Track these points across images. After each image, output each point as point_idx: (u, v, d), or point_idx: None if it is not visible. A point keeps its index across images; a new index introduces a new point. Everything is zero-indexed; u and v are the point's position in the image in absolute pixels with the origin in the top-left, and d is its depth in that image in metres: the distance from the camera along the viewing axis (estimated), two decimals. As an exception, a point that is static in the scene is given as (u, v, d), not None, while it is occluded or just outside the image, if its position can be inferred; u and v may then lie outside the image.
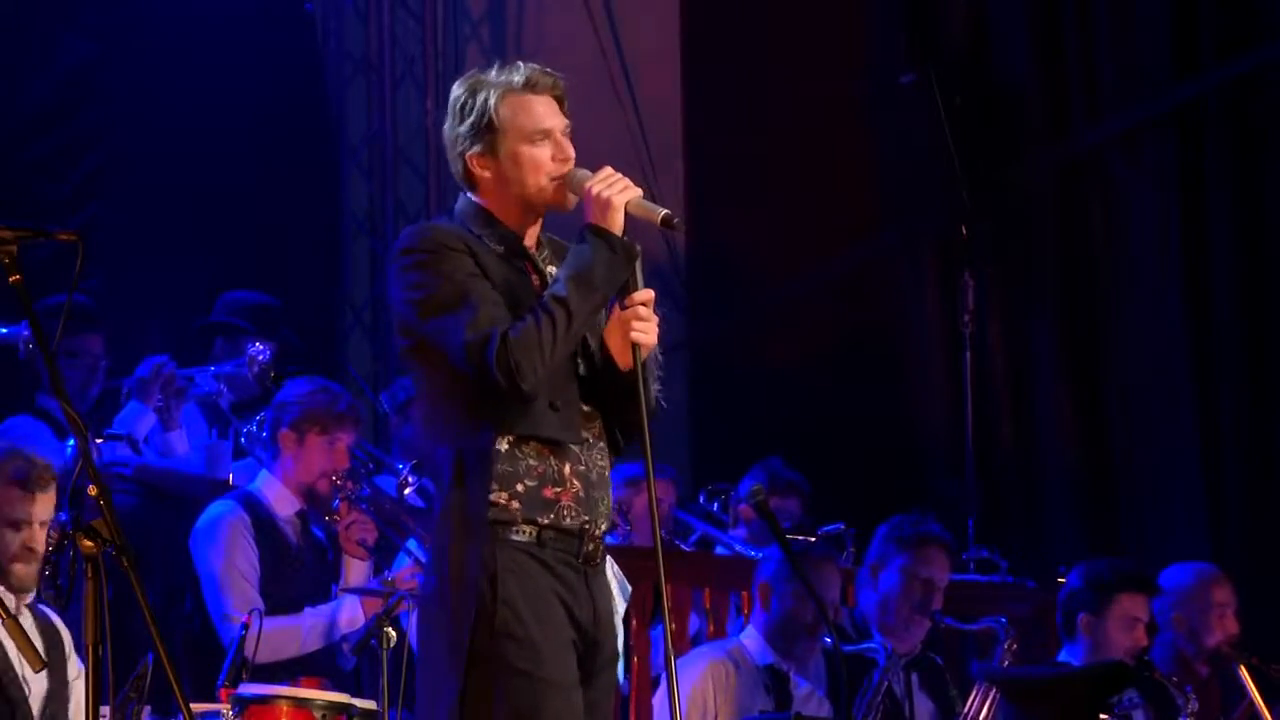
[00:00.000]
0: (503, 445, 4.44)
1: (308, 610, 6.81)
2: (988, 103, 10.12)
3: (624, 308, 4.51)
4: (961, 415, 9.55)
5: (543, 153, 4.53)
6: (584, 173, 4.53)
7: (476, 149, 4.54)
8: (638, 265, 4.51)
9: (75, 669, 5.66)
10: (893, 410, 10.25)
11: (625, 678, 7.41)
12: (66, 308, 4.23)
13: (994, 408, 9.88)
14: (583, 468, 4.51)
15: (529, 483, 4.44)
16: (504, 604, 4.39)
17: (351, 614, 6.79)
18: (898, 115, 10.31)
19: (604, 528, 4.56)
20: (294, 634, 6.73)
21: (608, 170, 4.52)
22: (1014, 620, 7.85)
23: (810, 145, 10.45)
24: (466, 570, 4.39)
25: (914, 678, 7.37)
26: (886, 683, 7.19)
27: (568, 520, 4.47)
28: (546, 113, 4.55)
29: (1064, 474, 9.85)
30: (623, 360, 4.52)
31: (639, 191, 4.51)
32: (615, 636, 4.60)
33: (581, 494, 4.49)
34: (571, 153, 4.56)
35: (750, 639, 7.25)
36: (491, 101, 4.52)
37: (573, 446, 4.50)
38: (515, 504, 4.43)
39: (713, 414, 10.70)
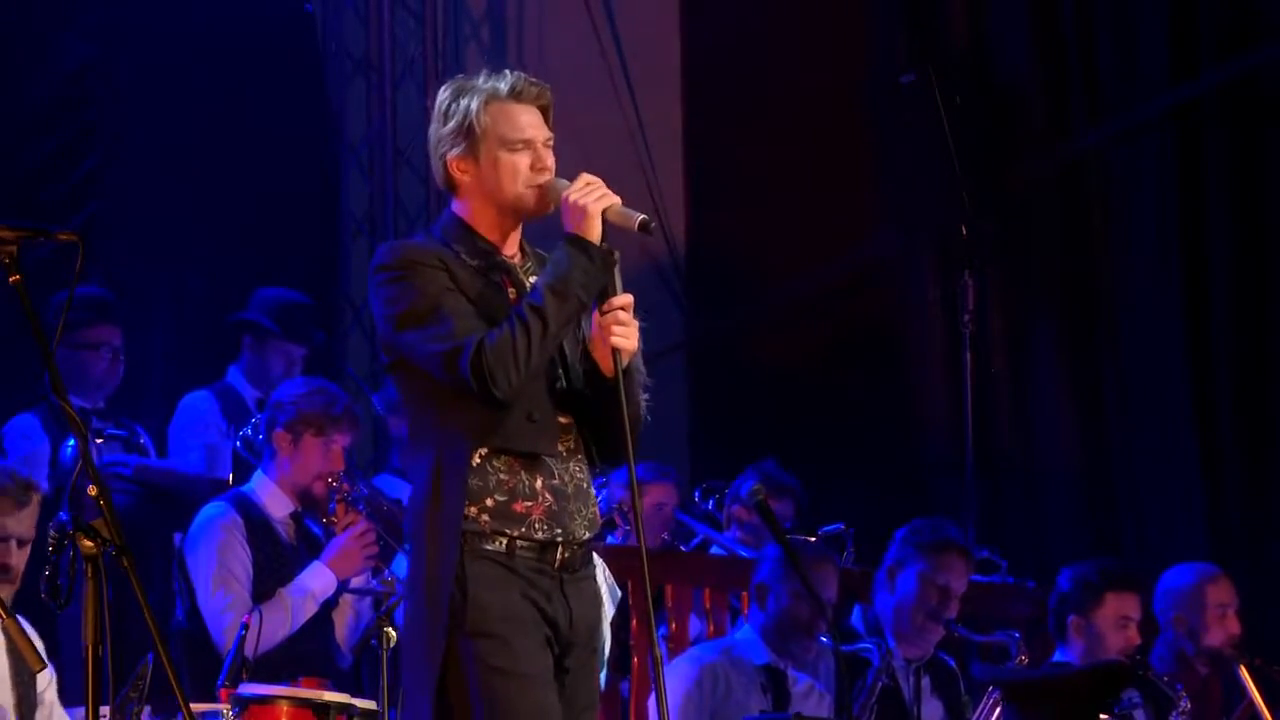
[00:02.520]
0: (475, 459, 4.47)
1: (280, 590, 6.80)
2: (988, 103, 10.11)
3: (603, 313, 4.52)
4: (961, 415, 9.54)
5: (522, 160, 4.56)
6: (563, 182, 4.56)
7: (457, 151, 4.57)
8: (616, 271, 4.53)
9: (46, 677, 5.63)
10: (892, 410, 10.25)
11: (619, 682, 7.42)
12: (66, 307, 4.23)
13: (994, 408, 9.87)
14: (556, 481, 4.52)
15: (499, 497, 4.46)
16: (475, 608, 4.42)
17: (322, 579, 6.79)
18: (898, 115, 10.30)
19: (584, 537, 4.57)
20: (282, 613, 6.72)
21: (585, 178, 4.54)
22: (1014, 620, 7.84)
23: (810, 145, 10.45)
24: (439, 577, 4.43)
25: (925, 680, 7.34)
26: (881, 683, 7.17)
27: (539, 534, 4.49)
28: (529, 122, 4.58)
29: (1064, 474, 9.85)
30: (606, 367, 4.54)
31: (617, 199, 4.54)
32: (598, 640, 4.61)
33: (554, 507, 4.50)
34: (551, 163, 4.58)
35: (746, 638, 7.24)
36: (474, 106, 4.55)
37: (547, 459, 4.52)
38: (485, 517, 4.45)
39: (712, 414, 10.70)
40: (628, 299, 4.54)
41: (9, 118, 9.01)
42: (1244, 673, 7.65)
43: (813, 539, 7.94)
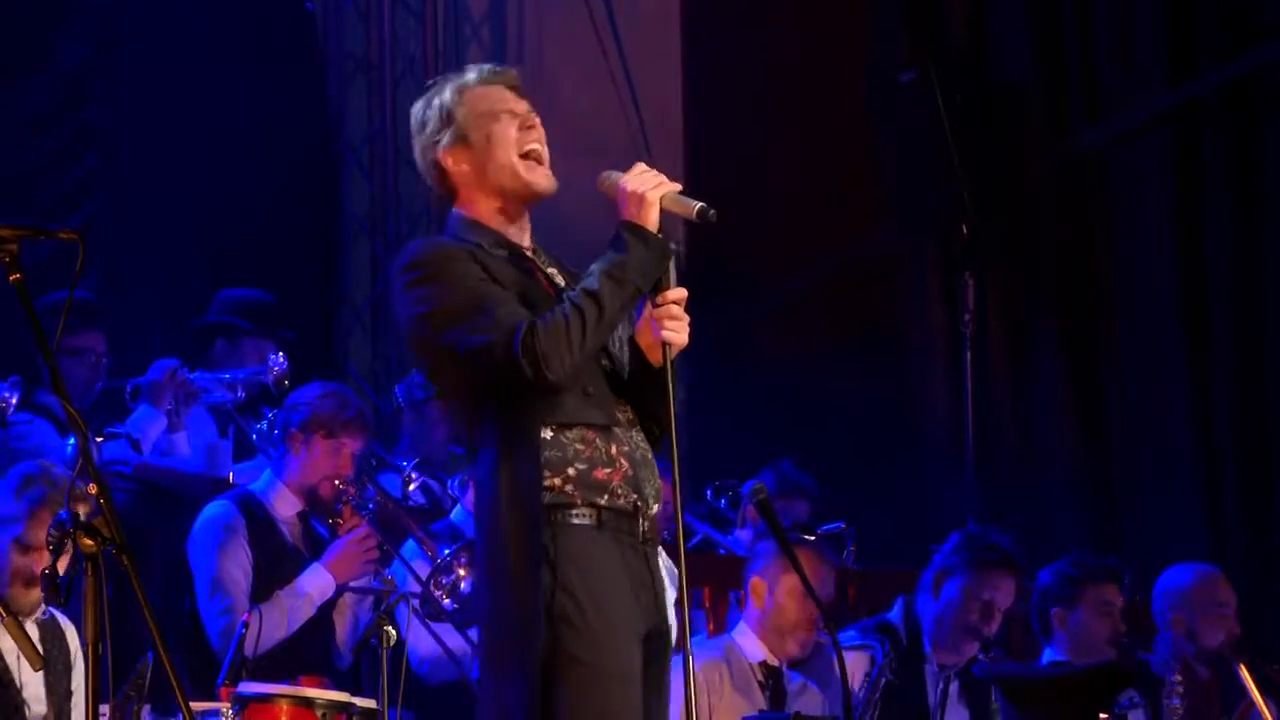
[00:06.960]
0: (547, 433, 4.41)
1: (278, 592, 6.81)
2: (988, 102, 10.12)
3: (656, 306, 4.50)
4: (962, 414, 9.54)
5: (510, 127, 4.58)
6: (617, 173, 4.54)
7: (446, 144, 4.62)
8: (671, 263, 4.51)
9: (81, 667, 5.65)
10: (893, 409, 10.25)
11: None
12: (67, 306, 4.23)
13: (994, 406, 9.88)
14: (627, 448, 4.49)
15: (579, 466, 4.42)
16: (563, 591, 4.35)
17: (320, 581, 6.80)
18: (898, 114, 10.31)
19: (655, 508, 4.54)
20: (279, 614, 6.72)
21: (641, 166, 4.53)
22: (1012, 618, 7.83)
23: (810, 143, 10.45)
24: (525, 558, 4.34)
25: (954, 686, 7.31)
26: (885, 680, 7.17)
27: (621, 500, 4.45)
28: (505, 96, 4.62)
29: (1064, 474, 9.85)
30: (653, 358, 4.53)
31: (675, 186, 4.52)
32: (669, 623, 4.57)
33: (630, 473, 4.47)
34: (537, 121, 4.60)
35: (742, 636, 7.24)
36: (449, 98, 4.63)
37: (616, 428, 4.48)
38: (569, 487, 4.40)
39: (712, 412, 10.69)
40: (681, 293, 4.53)
41: (8, 117, 9.02)
42: (1244, 672, 7.65)
43: (812, 538, 7.93)
